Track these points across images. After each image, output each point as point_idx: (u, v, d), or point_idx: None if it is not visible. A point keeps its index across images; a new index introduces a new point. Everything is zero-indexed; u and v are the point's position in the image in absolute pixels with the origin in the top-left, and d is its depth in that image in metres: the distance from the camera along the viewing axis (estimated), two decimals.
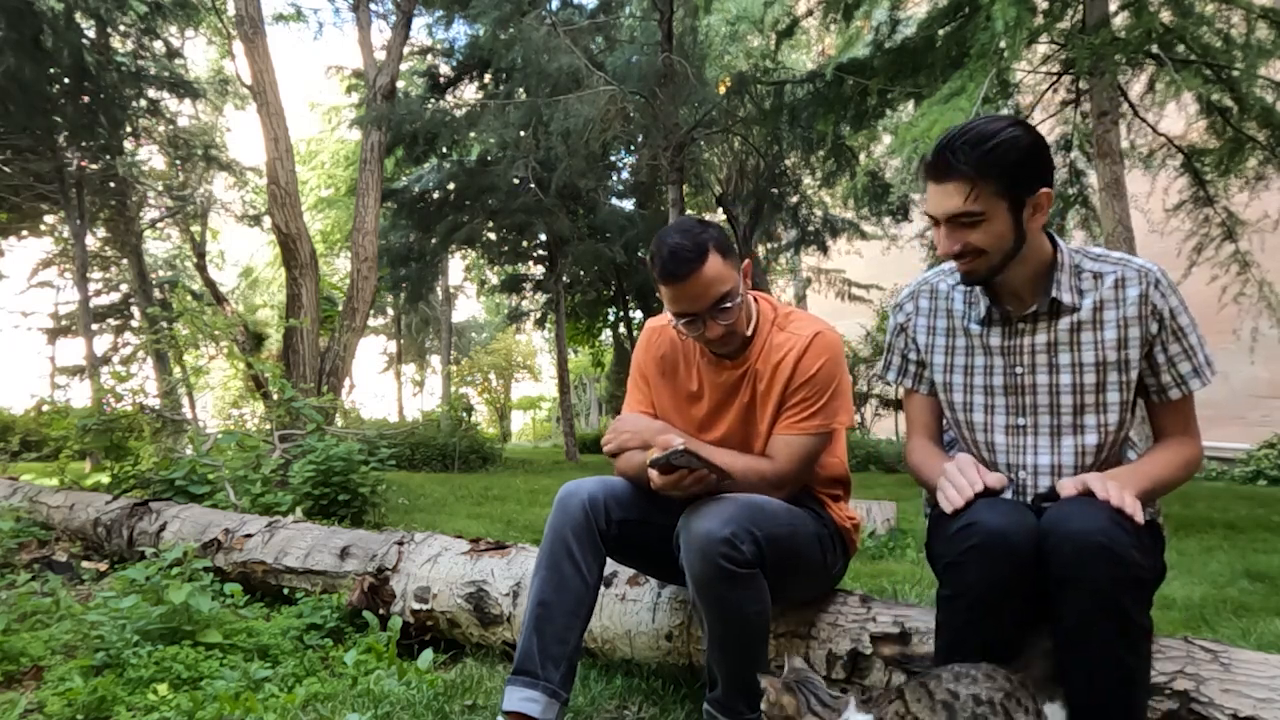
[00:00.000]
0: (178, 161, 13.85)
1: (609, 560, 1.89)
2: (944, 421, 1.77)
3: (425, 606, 2.48)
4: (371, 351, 27.98)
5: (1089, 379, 1.53)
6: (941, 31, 6.78)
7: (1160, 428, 1.58)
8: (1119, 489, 1.34)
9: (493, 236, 14.51)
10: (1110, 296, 1.51)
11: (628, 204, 15.00)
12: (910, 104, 7.25)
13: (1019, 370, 1.57)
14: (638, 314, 17.41)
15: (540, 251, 14.88)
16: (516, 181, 11.74)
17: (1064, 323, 1.53)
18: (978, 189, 1.42)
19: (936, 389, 1.71)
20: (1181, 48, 6.11)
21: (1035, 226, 1.48)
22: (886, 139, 8.86)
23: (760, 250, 13.84)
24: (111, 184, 12.75)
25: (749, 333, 1.86)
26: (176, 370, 12.52)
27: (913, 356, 1.73)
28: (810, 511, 1.83)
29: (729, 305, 1.76)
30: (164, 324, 8.36)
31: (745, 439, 1.88)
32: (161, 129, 13.17)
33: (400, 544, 2.69)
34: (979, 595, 1.35)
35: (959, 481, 1.46)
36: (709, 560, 1.55)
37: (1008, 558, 1.32)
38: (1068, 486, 1.41)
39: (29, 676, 2.26)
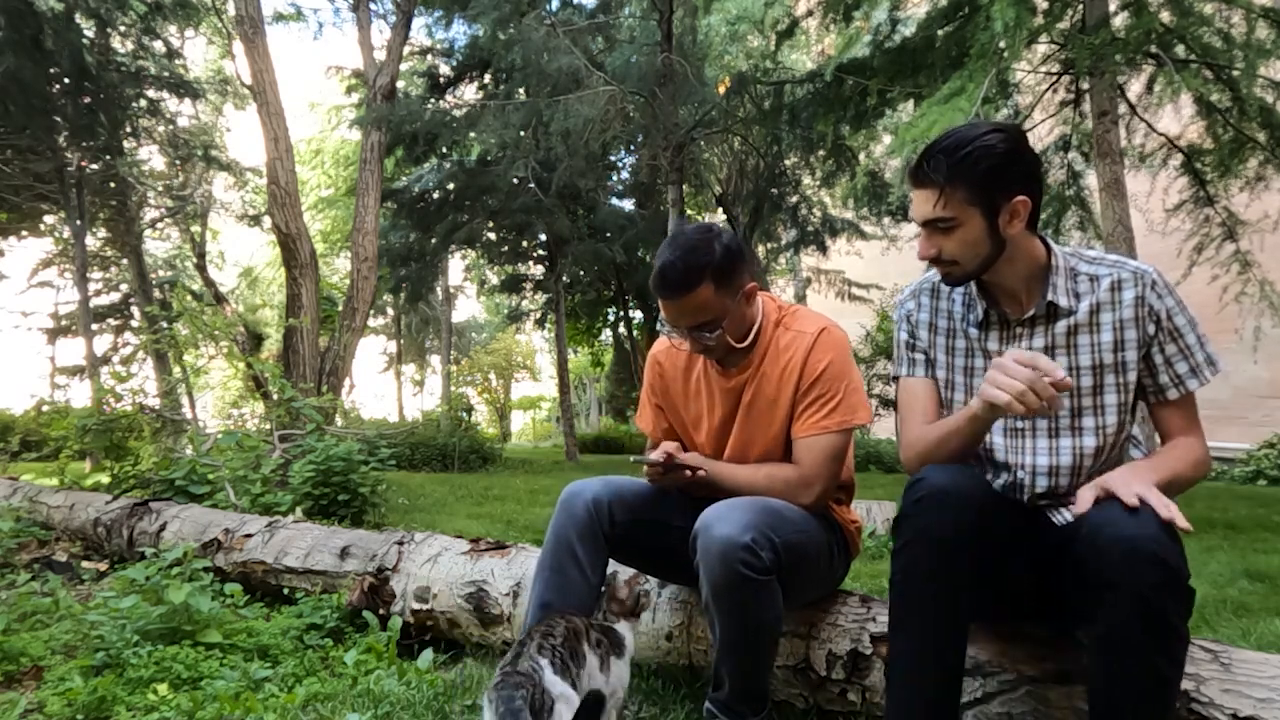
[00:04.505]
0: (178, 161, 13.85)
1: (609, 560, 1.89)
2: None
3: (425, 606, 2.48)
4: (371, 351, 28.02)
5: (1085, 382, 1.53)
6: (941, 31, 6.78)
7: (1164, 430, 1.56)
8: (1145, 486, 1.29)
9: (493, 236, 14.51)
10: (1106, 299, 1.51)
11: (628, 204, 15.01)
12: (910, 104, 7.24)
13: None
14: (638, 314, 17.41)
15: (540, 251, 14.89)
16: (516, 181, 11.73)
17: (1061, 326, 1.53)
18: (946, 196, 1.46)
19: (939, 385, 1.70)
20: (1181, 48, 6.12)
21: (1016, 233, 1.49)
22: (886, 139, 8.85)
23: (760, 250, 13.82)
24: (111, 184, 12.76)
25: (750, 339, 1.86)
26: (176, 370, 12.50)
27: (920, 345, 1.72)
28: (820, 517, 1.83)
29: (707, 333, 1.77)
30: (164, 324, 8.36)
31: (762, 442, 1.88)
32: (161, 129, 13.17)
33: (400, 544, 2.69)
34: (930, 542, 1.38)
35: (1018, 372, 1.35)
36: (729, 567, 1.54)
37: (955, 506, 1.37)
38: (1087, 496, 1.34)
39: (29, 676, 2.25)
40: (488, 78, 12.45)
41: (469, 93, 13.10)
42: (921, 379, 1.71)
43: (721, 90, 10.25)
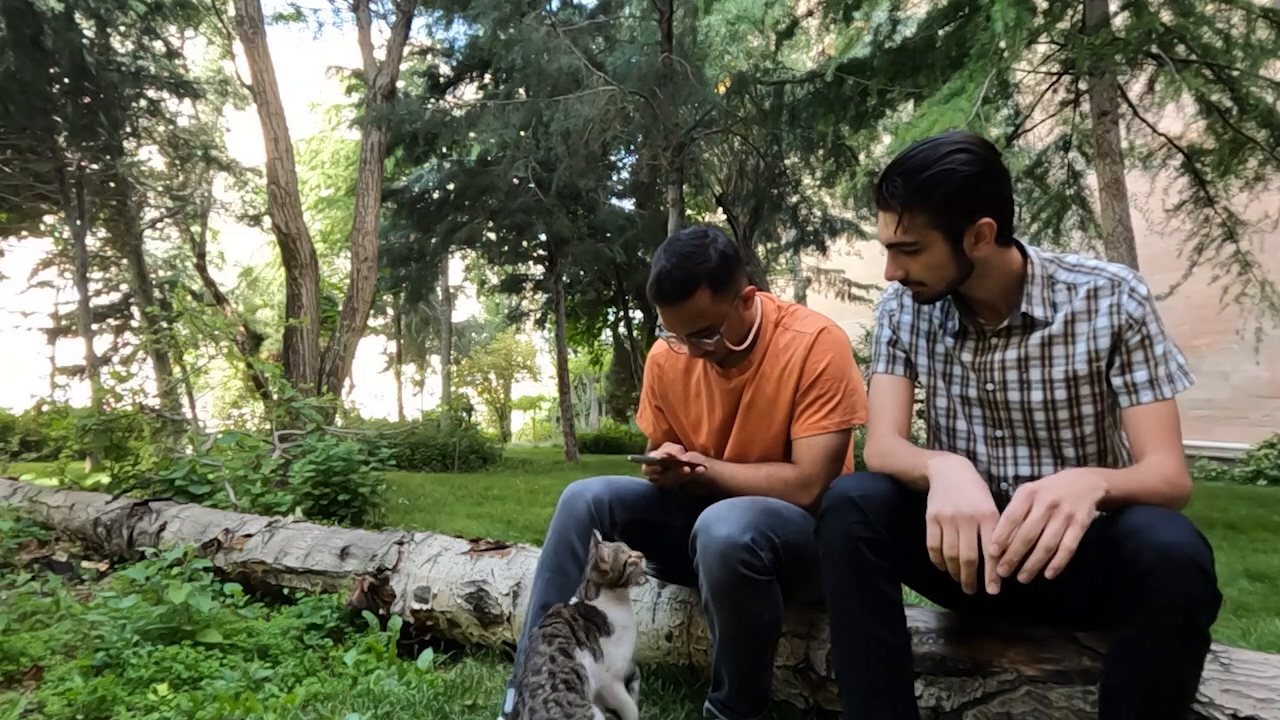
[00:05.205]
0: (178, 161, 13.84)
1: None
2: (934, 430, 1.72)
3: (425, 606, 2.48)
4: (371, 351, 28.03)
5: (1059, 395, 1.49)
6: (941, 32, 6.78)
7: (1132, 445, 1.45)
8: (1062, 524, 1.21)
9: (493, 236, 14.50)
10: (1083, 308, 1.47)
11: (628, 204, 14.99)
12: (910, 104, 7.24)
13: (989, 386, 1.55)
14: (638, 314, 17.40)
15: (540, 251, 14.88)
16: (516, 181, 11.73)
17: (1035, 337, 1.49)
18: (905, 221, 1.42)
19: (921, 387, 1.69)
20: (1181, 48, 6.11)
21: (984, 254, 1.44)
22: (886, 139, 8.85)
23: (760, 250, 13.82)
24: (111, 184, 12.75)
25: (749, 341, 1.86)
26: (176, 370, 12.49)
27: (901, 344, 1.68)
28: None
29: (707, 339, 1.77)
30: (164, 324, 8.35)
31: (762, 443, 1.88)
32: (161, 129, 13.16)
33: (400, 544, 2.69)
34: (849, 541, 1.41)
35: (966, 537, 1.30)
36: (729, 567, 1.54)
37: (855, 512, 1.41)
38: (1003, 532, 1.25)
39: (29, 676, 2.25)
40: (488, 78, 12.44)
41: (469, 93, 13.10)
42: (897, 378, 1.67)
43: (721, 90, 10.24)
